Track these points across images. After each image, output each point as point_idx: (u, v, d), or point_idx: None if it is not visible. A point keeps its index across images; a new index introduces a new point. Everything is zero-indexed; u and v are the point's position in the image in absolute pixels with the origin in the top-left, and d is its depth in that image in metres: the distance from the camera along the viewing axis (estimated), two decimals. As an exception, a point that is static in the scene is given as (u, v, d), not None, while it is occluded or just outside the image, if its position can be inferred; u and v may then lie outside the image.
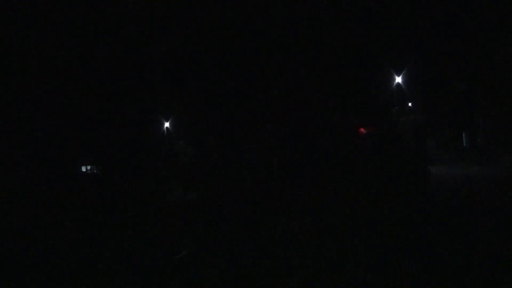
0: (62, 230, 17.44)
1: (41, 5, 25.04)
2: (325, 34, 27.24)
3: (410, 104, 46.70)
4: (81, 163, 27.46)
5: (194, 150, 26.81)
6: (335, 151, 19.28)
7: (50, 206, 21.01)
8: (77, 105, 26.33)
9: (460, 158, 35.14)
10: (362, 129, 22.39)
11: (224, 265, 11.04)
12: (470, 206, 15.39)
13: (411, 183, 16.34)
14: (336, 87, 26.50)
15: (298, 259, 10.81)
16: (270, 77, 26.26)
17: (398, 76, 39.53)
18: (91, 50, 27.07)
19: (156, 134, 33.97)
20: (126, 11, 27.65)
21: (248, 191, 20.10)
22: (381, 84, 35.76)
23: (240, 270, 10.48)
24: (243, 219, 16.76)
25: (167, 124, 37.41)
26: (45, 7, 25.06)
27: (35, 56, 24.96)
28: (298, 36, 26.93)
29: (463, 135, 42.48)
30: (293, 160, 20.13)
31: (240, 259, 11.44)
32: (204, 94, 28.14)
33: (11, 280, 11.43)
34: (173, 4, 28.58)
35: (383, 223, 13.42)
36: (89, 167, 27.37)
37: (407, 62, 38.47)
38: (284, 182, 19.52)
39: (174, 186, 24.81)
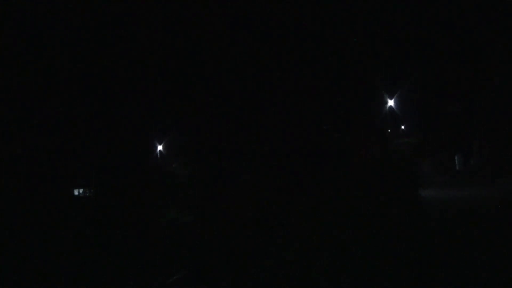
0: (54, 252, 17.32)
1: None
2: (317, 55, 27.58)
3: (403, 127, 47.02)
4: (74, 186, 27.28)
5: (189, 172, 26.80)
6: (327, 173, 19.39)
7: (43, 229, 20.87)
8: (70, 126, 26.38)
9: (453, 180, 35.26)
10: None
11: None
12: (459, 228, 15.48)
13: (401, 207, 16.40)
14: (328, 110, 26.72)
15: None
16: (265, 98, 26.49)
17: (391, 99, 39.95)
18: (84, 72, 27.23)
19: (150, 157, 34.03)
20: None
21: (243, 213, 20.07)
22: (374, 107, 36.11)
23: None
24: (238, 242, 16.71)
25: (160, 147, 37.63)
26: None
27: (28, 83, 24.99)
28: (292, 57, 27.27)
29: (456, 157, 42.70)
30: (287, 180, 20.19)
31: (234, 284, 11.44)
32: (199, 115, 28.31)
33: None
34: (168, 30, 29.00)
35: (370, 246, 13.42)
36: (81, 190, 27.18)
37: (400, 85, 38.91)
38: (280, 203, 19.52)
39: (168, 208, 24.69)
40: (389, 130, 44.76)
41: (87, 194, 26.82)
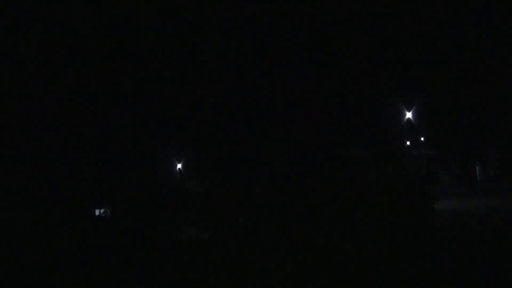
0: (74, 269, 17.72)
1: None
2: (333, 68, 27.73)
3: (422, 139, 46.66)
4: (95, 206, 27.81)
5: (205, 188, 27.17)
6: (341, 187, 19.44)
7: (64, 248, 21.34)
8: (89, 145, 27.04)
9: (472, 191, 34.89)
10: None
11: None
12: (476, 244, 15.25)
13: (414, 222, 16.34)
14: (345, 124, 26.80)
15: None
16: (277, 112, 26.71)
17: (409, 111, 39.79)
18: (103, 94, 27.89)
19: (169, 175, 34.60)
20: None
21: (257, 229, 20.25)
22: (392, 119, 36.06)
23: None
24: (252, 262, 16.84)
25: (179, 166, 38.36)
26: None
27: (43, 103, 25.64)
28: (306, 69, 27.44)
29: (477, 168, 42.31)
30: (300, 195, 20.33)
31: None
32: (213, 132, 28.75)
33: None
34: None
35: (383, 264, 13.42)
36: (102, 210, 27.71)
37: (418, 97, 38.81)
38: (292, 219, 19.66)
39: (187, 225, 24.94)
40: (408, 143, 44.58)
41: (109, 215, 27.34)
